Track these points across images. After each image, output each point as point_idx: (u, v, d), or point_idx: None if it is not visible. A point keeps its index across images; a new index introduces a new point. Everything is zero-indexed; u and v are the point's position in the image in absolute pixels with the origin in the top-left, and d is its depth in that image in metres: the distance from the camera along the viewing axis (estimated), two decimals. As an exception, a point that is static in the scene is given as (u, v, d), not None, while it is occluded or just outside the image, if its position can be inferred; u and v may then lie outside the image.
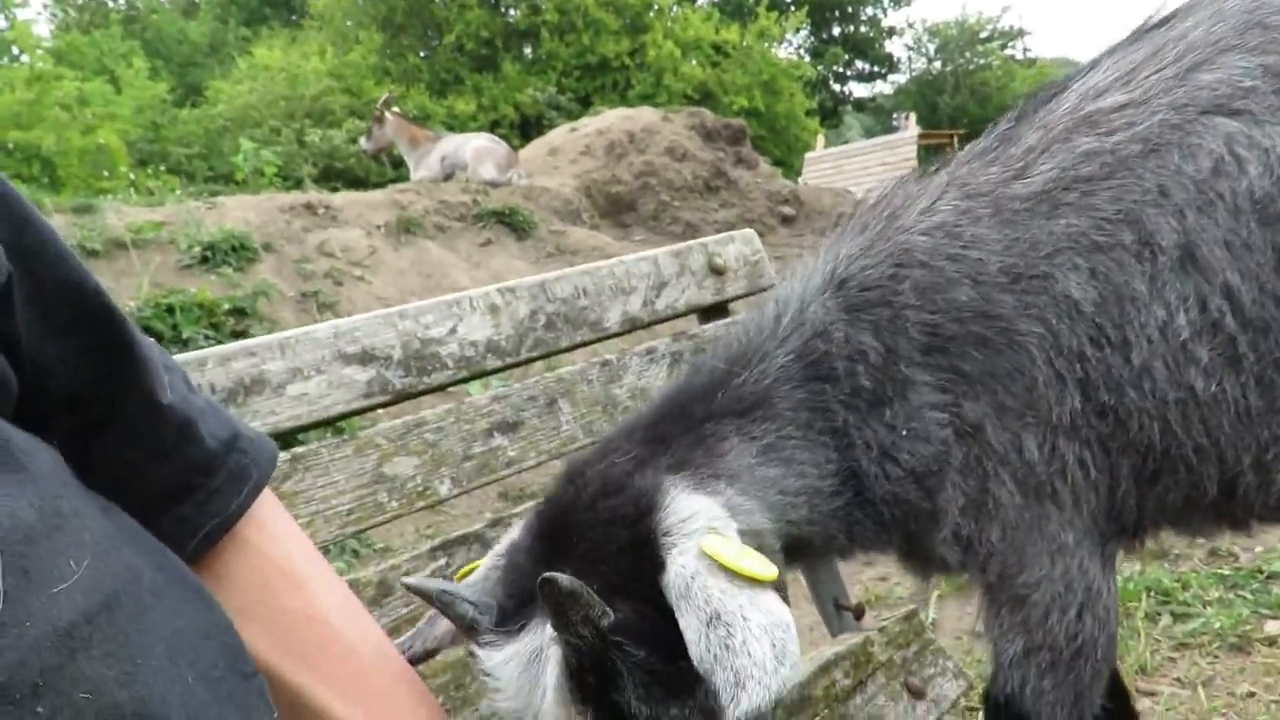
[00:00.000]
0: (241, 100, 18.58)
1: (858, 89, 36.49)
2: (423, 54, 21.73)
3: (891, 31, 35.51)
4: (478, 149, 9.00)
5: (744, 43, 22.22)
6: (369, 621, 0.84)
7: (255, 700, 0.61)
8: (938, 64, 35.21)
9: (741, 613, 0.81)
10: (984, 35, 34.53)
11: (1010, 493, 1.04)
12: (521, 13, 20.81)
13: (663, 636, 0.82)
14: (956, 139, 21.61)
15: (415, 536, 3.77)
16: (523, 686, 0.87)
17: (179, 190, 10.46)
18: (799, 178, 16.40)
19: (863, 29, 34.50)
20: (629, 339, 1.65)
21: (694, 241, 1.65)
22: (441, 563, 1.17)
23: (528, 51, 21.21)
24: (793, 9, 23.88)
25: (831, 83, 34.82)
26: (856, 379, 1.06)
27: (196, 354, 1.02)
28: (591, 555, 0.89)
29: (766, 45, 23.55)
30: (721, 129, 10.90)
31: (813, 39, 34.28)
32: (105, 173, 12.76)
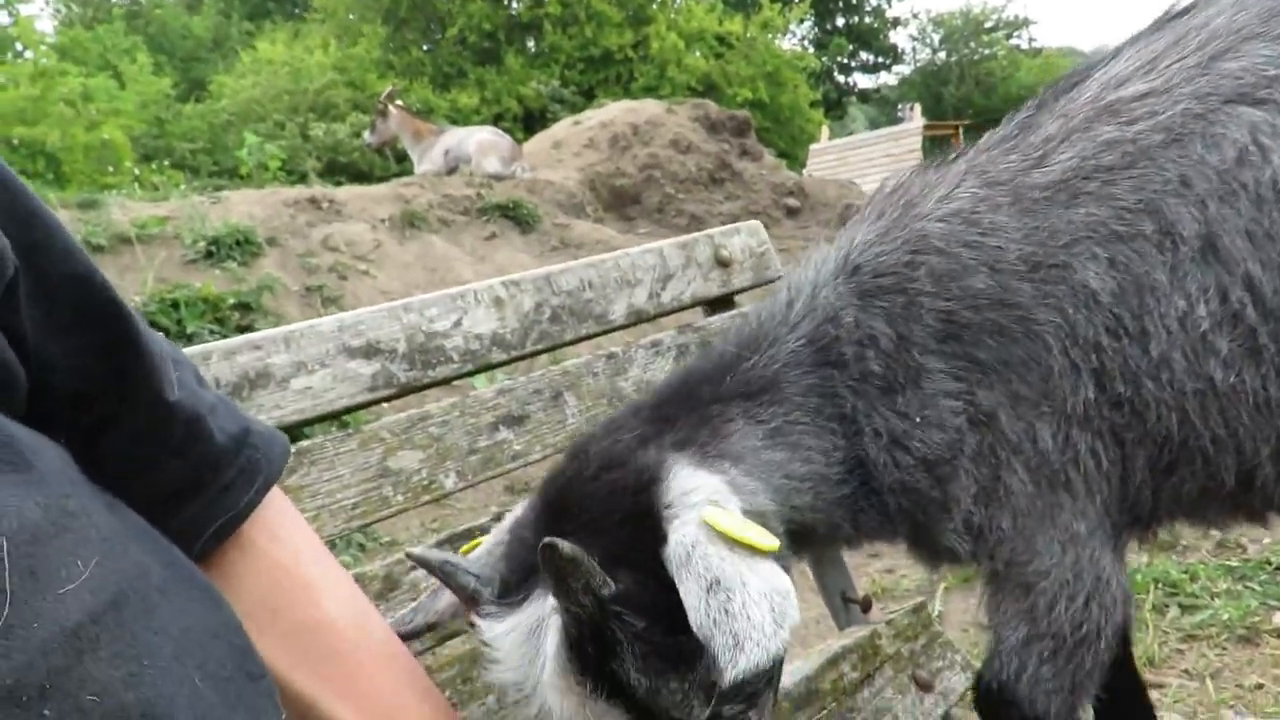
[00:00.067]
0: (245, 95, 18.57)
1: (862, 80, 36.39)
2: (426, 47, 21.69)
3: (896, 22, 35.40)
4: (481, 142, 8.99)
5: (748, 34, 22.13)
6: (378, 623, 0.83)
7: (263, 702, 0.61)
8: (942, 54, 35.08)
9: (741, 578, 0.81)
10: (989, 25, 34.38)
11: (1022, 481, 1.04)
12: (524, 5, 20.74)
13: (663, 609, 0.82)
14: (961, 130, 21.55)
15: (421, 530, 3.77)
16: (522, 658, 0.87)
17: (183, 185, 10.48)
18: (803, 170, 16.34)
19: (867, 20, 34.33)
20: (634, 332, 1.65)
21: (699, 233, 1.64)
22: (447, 556, 1.17)
23: (531, 44, 21.15)
24: (796, 0, 23.76)
25: (836, 74, 34.68)
26: (866, 364, 1.06)
27: (201, 348, 1.02)
28: (593, 526, 0.88)
29: (770, 36, 23.45)
30: (726, 121, 10.87)
31: (817, 30, 34.15)
32: (110, 168, 12.77)
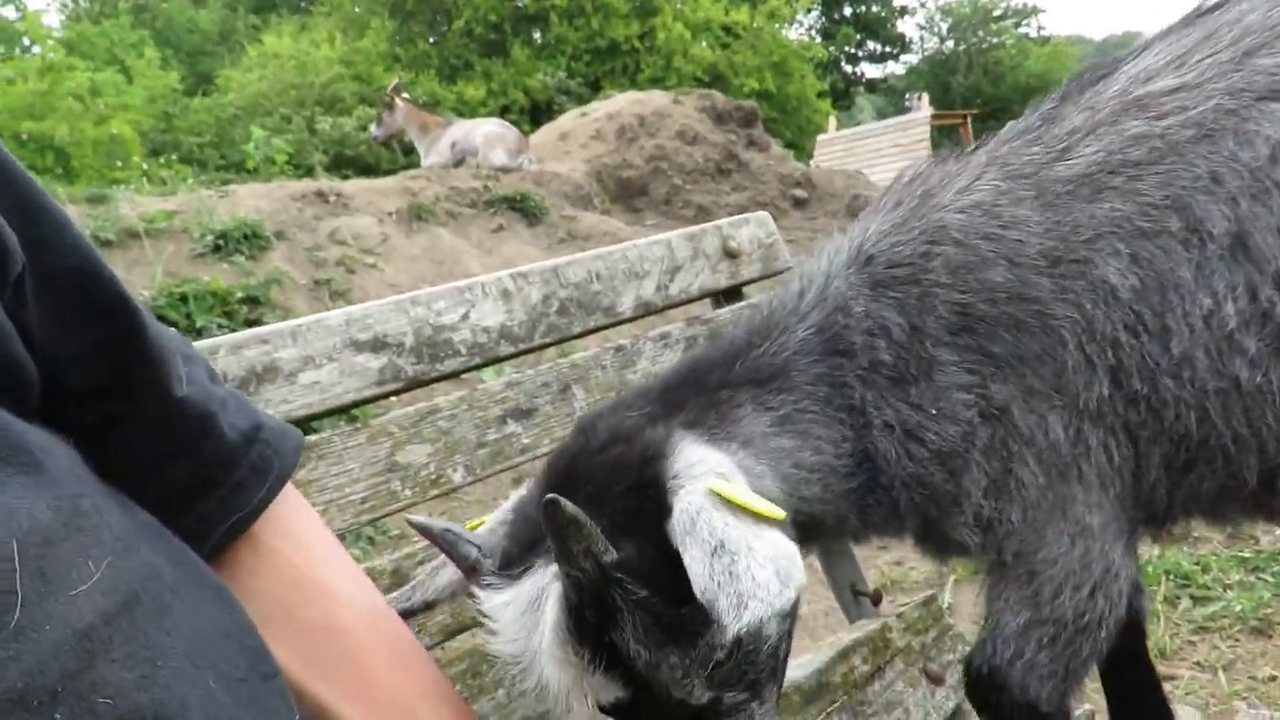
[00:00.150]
0: (252, 88, 18.59)
1: (869, 70, 36.21)
2: (432, 40, 21.66)
3: (903, 11, 35.15)
4: (488, 134, 8.98)
5: (754, 24, 22.03)
6: (393, 623, 0.82)
7: (277, 702, 0.60)
8: (950, 43, 34.87)
9: (746, 542, 0.81)
10: (997, 13, 34.16)
11: (1033, 474, 1.03)
12: (530, -3, 20.71)
13: (666, 581, 0.81)
14: (970, 119, 21.41)
15: (430, 523, 3.78)
16: (521, 630, 0.86)
17: (191, 179, 10.50)
18: (811, 160, 16.28)
19: (874, 9, 34.14)
20: (642, 324, 1.64)
21: (708, 225, 1.63)
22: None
23: (537, 36, 21.11)
24: (803, -11, 23.68)
25: (843, 64, 34.51)
26: (875, 353, 1.04)
27: (209, 342, 1.01)
28: (597, 496, 0.87)
29: (777, 26, 23.36)
30: (733, 111, 10.83)
31: (824, 19, 33.96)
32: (118, 163, 12.82)
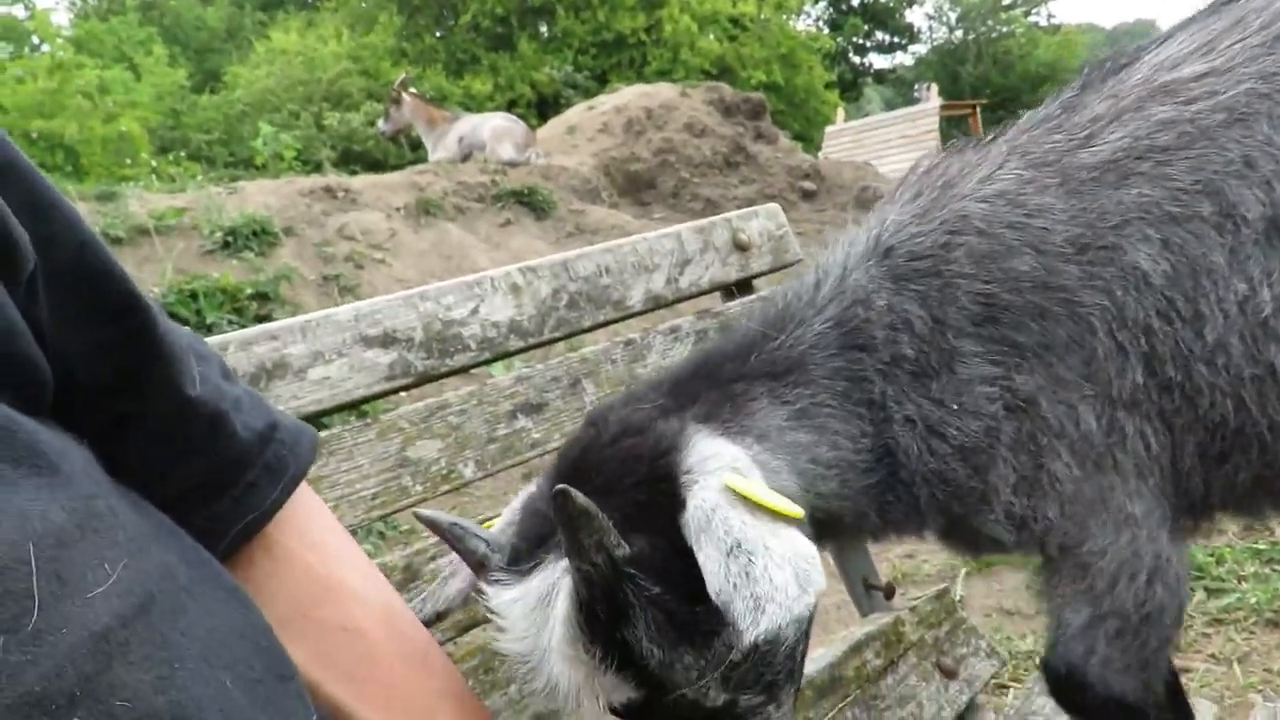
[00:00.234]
0: (260, 85, 18.64)
1: (878, 60, 36.08)
2: (439, 34, 21.66)
3: (912, 0, 34.96)
4: (495, 129, 8.98)
5: (761, 15, 21.96)
6: (409, 624, 0.81)
7: (293, 703, 0.59)
8: (959, 33, 34.65)
9: (764, 542, 0.78)
10: (1006, 2, 33.91)
11: (1067, 466, 1.01)
12: (536, -10, 20.68)
13: (680, 577, 0.79)
14: (979, 109, 21.30)
15: (440, 518, 3.78)
16: (530, 626, 0.83)
17: (200, 176, 10.55)
18: (819, 152, 16.23)
19: (882, -1, 33.99)
20: (652, 318, 1.63)
21: (718, 217, 1.62)
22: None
23: (544, 29, 21.07)
24: (811, -20, 23.57)
25: (851, 55, 34.35)
26: (898, 347, 1.02)
27: (218, 339, 1.01)
28: (608, 490, 0.84)
29: (784, 17, 23.28)
30: (740, 104, 10.80)
31: (831, 10, 33.81)
32: (127, 160, 12.88)
